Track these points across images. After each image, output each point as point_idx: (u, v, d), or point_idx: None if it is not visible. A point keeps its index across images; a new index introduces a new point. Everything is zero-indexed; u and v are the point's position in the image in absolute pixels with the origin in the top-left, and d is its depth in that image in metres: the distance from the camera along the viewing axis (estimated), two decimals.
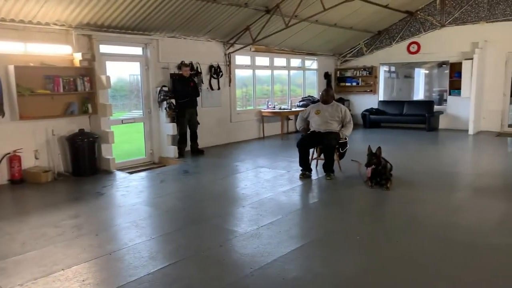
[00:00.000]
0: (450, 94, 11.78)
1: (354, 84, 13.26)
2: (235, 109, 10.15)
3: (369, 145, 5.75)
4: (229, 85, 9.82)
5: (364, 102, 13.04)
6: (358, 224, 4.42)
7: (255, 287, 3.02)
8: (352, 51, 13.16)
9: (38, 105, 6.35)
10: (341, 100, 12.68)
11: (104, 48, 7.29)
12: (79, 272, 3.29)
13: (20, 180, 6.18)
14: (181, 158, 8.07)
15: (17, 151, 6.16)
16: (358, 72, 13.17)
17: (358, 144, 8.86)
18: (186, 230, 4.24)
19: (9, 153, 6.13)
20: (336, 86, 13.42)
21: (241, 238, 3.96)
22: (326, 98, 6.43)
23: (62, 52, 6.64)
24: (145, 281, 3.12)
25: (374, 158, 5.58)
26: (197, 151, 8.53)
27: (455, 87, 11.49)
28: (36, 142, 6.48)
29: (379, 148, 5.66)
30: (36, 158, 6.48)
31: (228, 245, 3.82)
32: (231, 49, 9.62)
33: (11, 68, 5.97)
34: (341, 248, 3.76)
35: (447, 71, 11.97)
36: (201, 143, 8.70)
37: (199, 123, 8.56)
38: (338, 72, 13.47)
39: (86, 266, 3.41)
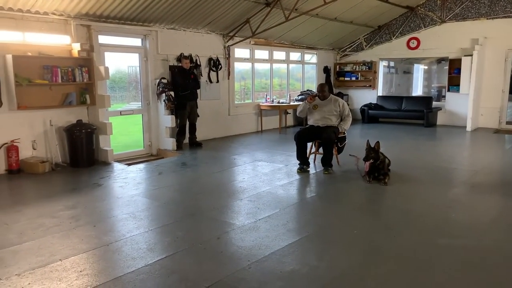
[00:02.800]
0: (449, 90, 11.79)
1: (353, 78, 13.23)
2: (233, 102, 10.13)
3: (368, 140, 5.75)
4: (228, 78, 9.78)
5: (363, 97, 13.03)
6: (356, 219, 4.43)
7: (253, 280, 3.03)
8: (351, 46, 13.12)
9: (36, 95, 6.31)
10: (340, 95, 12.68)
11: (103, 39, 7.24)
12: (77, 262, 3.30)
13: (18, 170, 6.16)
14: (179, 150, 8.07)
15: (14, 141, 6.14)
16: (357, 67, 13.14)
17: (357, 139, 8.87)
18: (184, 222, 4.25)
19: (6, 143, 6.11)
20: (335, 80, 13.40)
21: (239, 231, 3.97)
22: (323, 94, 6.35)
23: (61, 42, 6.59)
24: (142, 273, 3.13)
25: (372, 152, 5.59)
26: (195, 144, 8.52)
27: (454, 83, 11.50)
28: (33, 133, 6.45)
29: (378, 142, 5.67)
30: (34, 149, 6.46)
31: (226, 238, 3.83)
32: (230, 42, 9.57)
33: (9, 57, 5.92)
34: (338, 242, 3.78)
35: (447, 67, 11.99)
36: (199, 136, 8.69)
37: (199, 116, 8.55)
38: (337, 67, 13.44)
39: (84, 257, 3.41)
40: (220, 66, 9.45)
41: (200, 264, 3.30)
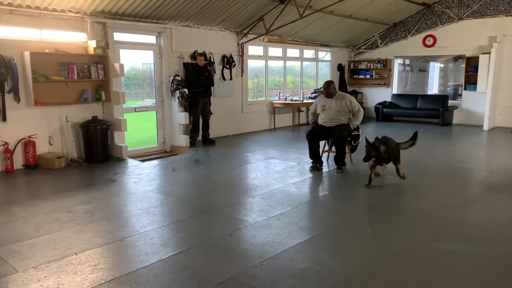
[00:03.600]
0: (465, 89, 11.59)
1: (368, 76, 13.12)
2: (246, 100, 10.13)
3: (366, 137, 5.47)
4: (242, 76, 9.79)
5: (377, 95, 12.91)
6: (368, 218, 4.41)
7: (265, 277, 3.04)
8: (366, 43, 13.00)
9: (52, 92, 6.41)
10: (354, 93, 12.60)
11: (118, 36, 7.31)
12: (92, 256, 3.35)
13: (34, 165, 6.28)
14: (193, 147, 8.12)
15: (31, 136, 6.26)
16: (372, 65, 13.03)
17: (371, 137, 8.77)
18: (197, 219, 4.27)
19: (24, 139, 6.23)
20: (349, 78, 13.31)
21: (251, 228, 3.98)
22: (329, 91, 6.14)
23: (77, 39, 6.68)
24: (156, 268, 3.16)
25: (373, 151, 5.22)
26: (208, 141, 8.56)
27: (470, 81, 11.30)
28: (50, 128, 6.56)
29: (377, 139, 5.34)
30: (50, 144, 6.57)
31: (238, 235, 3.85)
32: (244, 39, 9.58)
33: (26, 54, 6.03)
34: (351, 241, 3.76)
35: (463, 65, 11.78)
36: (212, 133, 8.73)
37: (212, 113, 8.58)
38: (351, 64, 13.34)
39: (99, 251, 3.46)
40: (233, 63, 9.46)
41: (213, 260, 3.32)
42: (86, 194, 5.07)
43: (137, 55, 8.66)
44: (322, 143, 6.58)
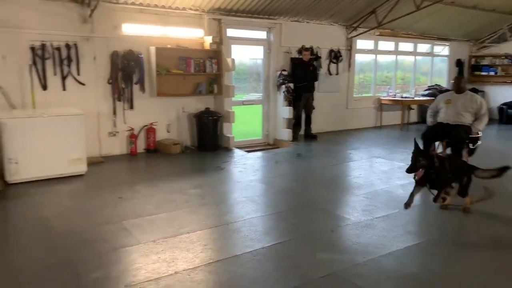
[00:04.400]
0: None
1: (492, 73, 11.80)
2: (352, 95, 9.87)
3: (415, 138, 4.07)
4: (348, 71, 9.57)
5: (502, 94, 11.55)
6: (486, 227, 4.00)
7: (368, 277, 2.97)
8: (492, 37, 11.67)
9: (172, 84, 7.00)
10: (475, 91, 11.37)
11: (230, 32, 7.66)
12: (202, 237, 3.62)
13: (154, 150, 6.94)
14: (295, 141, 8.20)
15: (153, 124, 6.93)
16: (497, 61, 11.67)
17: (492, 141, 7.92)
18: (298, 211, 4.33)
19: (146, 125, 6.92)
20: (469, 75, 12.12)
21: (354, 226, 3.91)
22: (460, 85, 5.84)
23: (195, 35, 7.17)
24: (259, 254, 3.30)
25: (422, 159, 3.88)
26: (310, 136, 8.56)
27: None
28: (168, 117, 7.18)
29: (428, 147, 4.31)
30: (168, 132, 7.20)
31: (340, 232, 3.81)
32: (353, 33, 9.32)
33: (152, 49, 6.67)
34: (466, 250, 3.47)
35: None
36: (315, 128, 8.70)
37: (314, 108, 8.56)
38: (472, 60, 12.12)
39: (208, 233, 3.73)
40: (340, 58, 9.29)
41: (314, 254, 3.35)
42: (198, 179, 5.47)
43: (245, 50, 8.98)
44: (436, 144, 6.13)
